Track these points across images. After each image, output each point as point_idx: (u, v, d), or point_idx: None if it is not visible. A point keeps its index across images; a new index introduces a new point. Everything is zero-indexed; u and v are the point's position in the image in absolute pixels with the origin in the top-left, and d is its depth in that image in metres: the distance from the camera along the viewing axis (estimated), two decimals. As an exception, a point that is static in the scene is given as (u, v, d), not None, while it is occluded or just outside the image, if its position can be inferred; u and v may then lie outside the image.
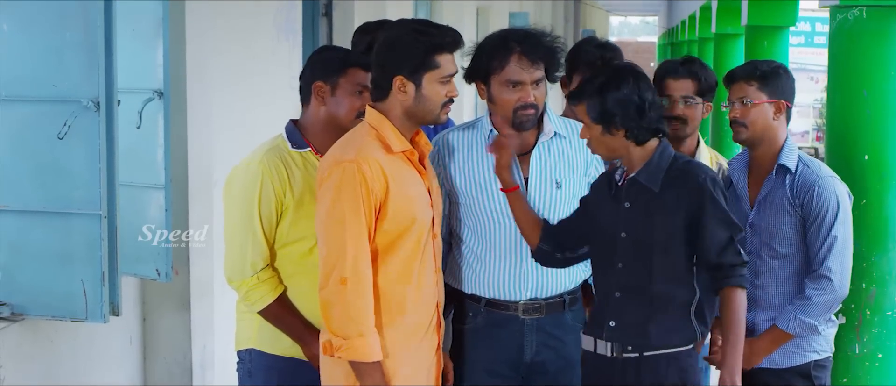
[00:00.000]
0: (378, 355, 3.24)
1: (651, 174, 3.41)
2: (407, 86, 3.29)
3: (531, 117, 3.62)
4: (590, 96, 3.40)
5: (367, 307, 3.21)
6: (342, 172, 3.20)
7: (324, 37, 7.40)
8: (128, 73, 3.88)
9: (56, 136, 3.65)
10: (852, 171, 4.36)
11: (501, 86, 3.61)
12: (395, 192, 3.26)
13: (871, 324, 4.42)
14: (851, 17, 4.41)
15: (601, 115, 3.38)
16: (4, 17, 3.69)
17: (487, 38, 3.72)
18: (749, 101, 3.71)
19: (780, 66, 3.83)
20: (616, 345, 3.44)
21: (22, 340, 3.82)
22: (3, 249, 3.77)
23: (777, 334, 3.68)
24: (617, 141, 3.41)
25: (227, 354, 4.33)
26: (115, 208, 3.70)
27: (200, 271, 4.93)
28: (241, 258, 3.47)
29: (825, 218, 3.63)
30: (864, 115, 4.40)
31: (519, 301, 3.67)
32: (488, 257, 3.69)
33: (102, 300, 3.69)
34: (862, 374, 4.45)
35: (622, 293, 3.45)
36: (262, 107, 5.93)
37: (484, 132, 3.72)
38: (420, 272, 3.35)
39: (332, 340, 3.21)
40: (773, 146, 3.75)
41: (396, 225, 3.27)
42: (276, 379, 3.59)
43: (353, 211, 3.19)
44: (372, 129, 3.32)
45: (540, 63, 3.60)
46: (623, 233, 3.44)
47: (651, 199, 3.41)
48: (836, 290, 3.63)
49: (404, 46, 3.30)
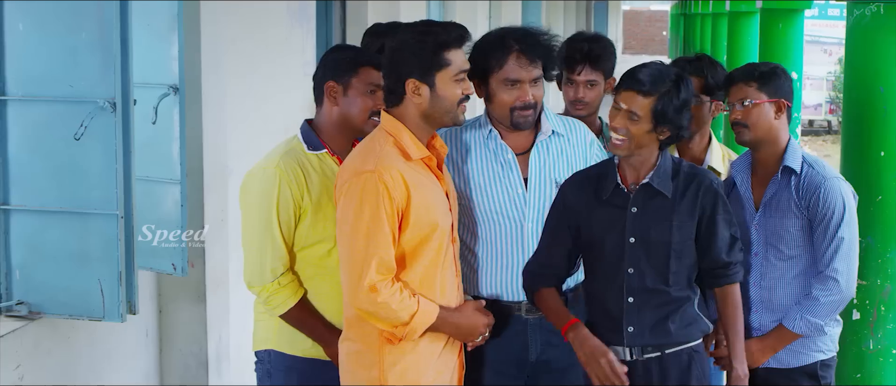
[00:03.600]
0: (436, 311, 3.28)
1: (662, 179, 3.43)
2: (421, 88, 3.27)
3: (529, 117, 3.61)
4: (660, 94, 3.36)
5: (401, 292, 3.21)
6: (363, 184, 3.19)
7: (337, 22, 7.38)
8: (143, 69, 3.90)
9: (72, 136, 3.67)
10: (868, 167, 4.37)
11: (500, 84, 3.59)
12: (417, 200, 3.25)
13: (886, 320, 4.43)
14: (868, 13, 4.39)
15: (660, 115, 3.36)
16: (21, 17, 3.70)
17: (485, 36, 3.70)
18: (750, 102, 3.70)
19: (777, 66, 3.83)
20: (636, 349, 3.46)
21: (39, 338, 3.85)
22: (20, 249, 3.79)
23: (783, 334, 3.69)
24: (651, 139, 3.40)
25: (243, 345, 4.36)
26: (131, 208, 3.71)
27: (216, 264, 4.95)
28: (261, 264, 3.48)
29: (831, 219, 3.63)
30: (880, 111, 4.38)
31: (521, 301, 3.67)
32: (489, 258, 3.68)
33: (119, 299, 3.71)
34: (876, 370, 4.45)
35: (636, 297, 3.45)
36: (276, 95, 5.94)
37: (483, 132, 3.70)
38: (443, 277, 3.36)
39: (394, 331, 3.24)
40: (777, 147, 3.75)
41: (418, 232, 3.27)
42: (296, 379, 3.60)
43: (376, 221, 3.18)
44: (389, 137, 3.30)
45: (538, 62, 3.59)
46: (632, 238, 3.44)
47: (664, 203, 3.43)
48: (843, 291, 3.64)
49: (412, 48, 3.28)
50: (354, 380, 3.36)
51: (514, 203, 3.66)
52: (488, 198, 3.66)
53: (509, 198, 3.66)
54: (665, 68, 3.46)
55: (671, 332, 3.44)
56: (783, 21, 8.71)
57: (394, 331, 3.25)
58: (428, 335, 3.32)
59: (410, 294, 3.24)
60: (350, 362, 3.37)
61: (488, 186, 3.66)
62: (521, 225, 3.67)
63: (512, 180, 3.66)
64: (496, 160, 3.67)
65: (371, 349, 3.30)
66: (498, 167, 3.67)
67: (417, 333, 3.27)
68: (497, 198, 3.66)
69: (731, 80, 3.79)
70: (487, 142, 3.68)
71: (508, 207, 3.65)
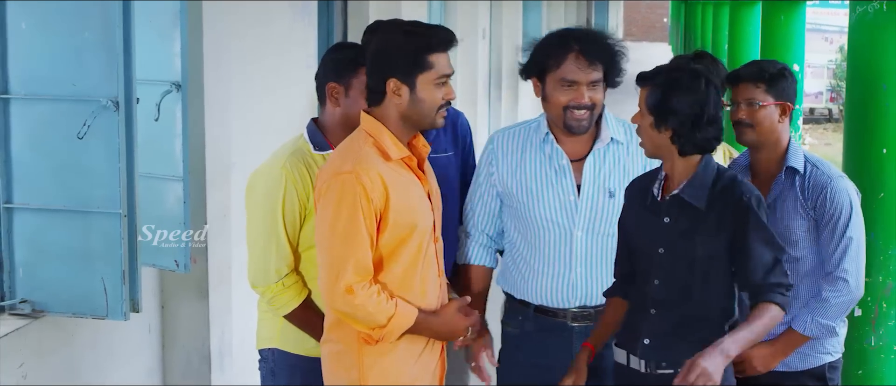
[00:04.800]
0: (414, 313, 3.25)
1: (696, 191, 3.28)
2: (401, 89, 3.22)
3: (583, 120, 3.55)
4: (655, 84, 3.26)
5: (378, 294, 3.20)
6: (341, 185, 3.16)
7: (339, 12, 7.37)
8: (145, 66, 3.88)
9: (76, 135, 3.66)
10: (870, 164, 4.36)
11: (555, 84, 3.55)
12: (396, 201, 3.22)
13: (888, 317, 4.42)
14: (871, 11, 4.37)
15: (656, 108, 3.24)
16: (23, 16, 3.69)
17: (547, 35, 3.67)
18: (756, 104, 3.69)
19: (784, 67, 3.81)
20: (650, 363, 3.36)
21: (42, 336, 3.85)
22: (23, 247, 3.79)
23: (794, 337, 3.67)
24: (662, 139, 3.27)
25: (246, 341, 4.37)
26: (134, 207, 3.71)
27: (218, 260, 4.95)
28: (266, 264, 3.48)
29: (839, 220, 3.62)
30: (882, 108, 4.37)
31: (568, 309, 3.64)
32: (537, 263, 3.65)
33: (123, 298, 3.71)
34: (877, 366, 4.45)
35: (657, 310, 3.35)
36: (278, 90, 5.95)
37: (540, 134, 3.65)
38: (423, 277, 3.33)
39: (371, 333, 3.23)
40: (778, 148, 3.74)
41: (397, 233, 3.24)
42: (300, 378, 3.61)
43: (354, 222, 3.16)
44: (369, 137, 3.26)
45: (598, 64, 3.54)
46: (661, 249, 3.32)
47: (695, 216, 3.28)
48: (853, 291, 3.63)
49: (396, 47, 3.24)
50: (336, 380, 3.37)
51: (565, 210, 3.62)
52: (540, 203, 3.63)
53: (561, 204, 3.62)
54: (676, 61, 3.39)
55: (686, 352, 3.20)
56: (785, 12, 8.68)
57: (371, 333, 3.24)
58: (407, 336, 3.31)
59: (388, 297, 3.22)
60: (331, 363, 3.38)
61: (540, 192, 3.63)
62: (570, 233, 3.64)
63: (564, 187, 3.62)
64: (550, 165, 3.63)
65: (350, 350, 3.30)
66: (551, 173, 3.63)
67: (395, 335, 3.25)
68: (549, 204, 3.62)
69: (737, 79, 3.76)
70: (543, 146, 3.64)
71: (559, 214, 3.61)
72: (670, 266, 3.32)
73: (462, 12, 11.72)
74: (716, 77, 3.93)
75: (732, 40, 11.97)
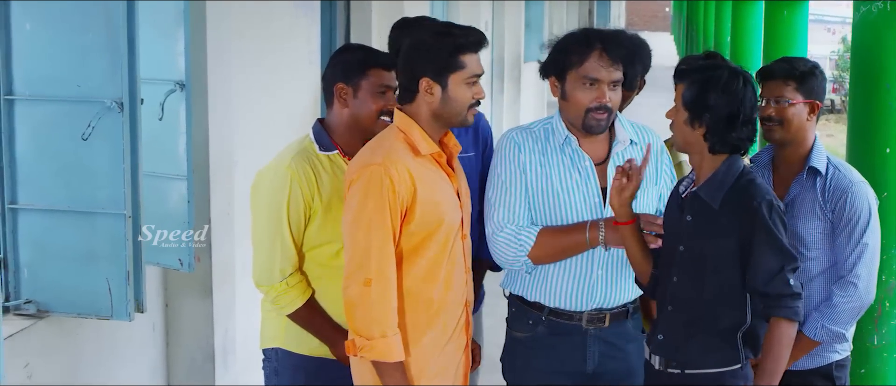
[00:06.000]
0: (400, 356, 3.26)
1: (713, 190, 3.27)
2: (433, 87, 3.30)
3: (603, 121, 3.51)
4: (692, 80, 3.25)
5: (391, 309, 3.24)
6: (369, 176, 3.22)
7: (341, 11, 7.37)
8: (149, 65, 3.89)
9: (80, 135, 3.67)
10: (873, 164, 4.36)
11: (577, 82, 3.50)
12: (423, 195, 3.27)
13: (891, 316, 4.42)
14: (874, 10, 4.37)
15: (692, 104, 3.24)
16: (28, 17, 3.70)
17: (569, 33, 3.62)
18: (786, 102, 3.67)
19: (815, 65, 3.78)
20: (661, 359, 3.38)
21: (47, 336, 3.86)
22: (28, 247, 3.81)
23: (804, 343, 3.64)
24: (695, 136, 3.26)
25: (249, 339, 4.38)
26: (139, 207, 3.73)
27: (222, 258, 4.96)
28: (270, 264, 3.49)
29: (857, 225, 3.60)
30: (886, 108, 4.37)
31: (583, 311, 3.59)
32: (556, 265, 3.58)
33: (127, 298, 3.73)
34: (880, 365, 4.46)
35: (673, 307, 3.35)
36: (281, 88, 5.95)
37: (558, 136, 3.59)
38: (448, 272, 3.37)
39: (356, 340, 3.24)
40: (803, 147, 3.71)
41: (423, 227, 3.29)
42: (303, 378, 3.62)
43: (379, 214, 3.21)
44: (400, 133, 3.33)
45: (619, 64, 3.50)
46: (681, 246, 3.32)
47: (709, 215, 3.27)
48: (863, 296, 3.61)
49: (429, 48, 3.31)
50: (361, 379, 3.38)
51: (591, 213, 3.56)
52: (565, 206, 3.57)
53: (587, 207, 3.57)
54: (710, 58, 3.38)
55: (689, 352, 3.29)
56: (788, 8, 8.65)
57: (355, 338, 3.24)
58: (432, 329, 3.34)
59: (397, 322, 3.24)
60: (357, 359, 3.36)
61: (566, 194, 3.57)
62: None
63: (590, 190, 3.57)
64: (574, 167, 3.58)
65: None
66: (576, 175, 3.57)
67: (371, 354, 3.22)
68: (575, 207, 3.56)
69: (769, 76, 3.73)
70: (564, 148, 3.59)
71: (585, 217, 3.55)
72: (688, 263, 3.31)
73: (465, 8, 11.72)
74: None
75: (735, 33, 11.93)
